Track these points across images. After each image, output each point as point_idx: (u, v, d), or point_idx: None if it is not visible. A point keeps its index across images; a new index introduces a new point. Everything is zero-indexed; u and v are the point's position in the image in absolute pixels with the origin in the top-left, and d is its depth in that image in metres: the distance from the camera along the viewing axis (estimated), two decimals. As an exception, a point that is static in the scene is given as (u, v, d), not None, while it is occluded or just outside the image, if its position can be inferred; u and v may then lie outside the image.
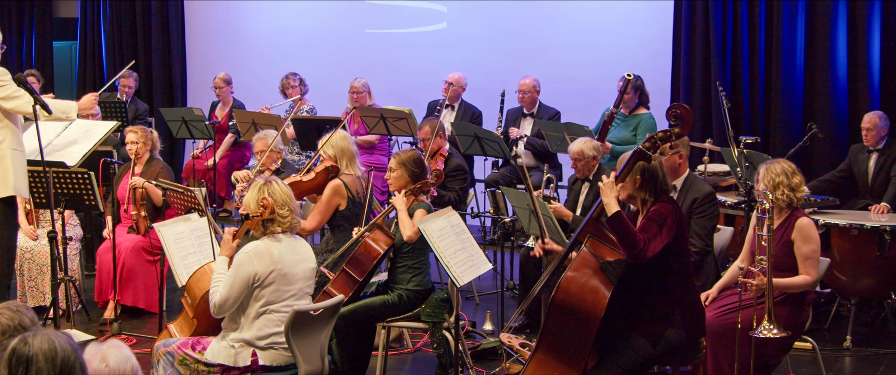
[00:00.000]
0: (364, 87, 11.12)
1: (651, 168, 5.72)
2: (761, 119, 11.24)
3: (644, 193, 5.76)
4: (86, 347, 3.81)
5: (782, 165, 6.30)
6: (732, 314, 6.17)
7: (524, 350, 6.74)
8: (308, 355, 5.60)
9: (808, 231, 6.20)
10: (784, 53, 11.00)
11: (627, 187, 5.78)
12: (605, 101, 10.41)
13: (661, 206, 5.66)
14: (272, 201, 5.64)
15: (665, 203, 5.69)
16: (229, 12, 14.47)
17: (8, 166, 7.23)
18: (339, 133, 7.76)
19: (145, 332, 8.19)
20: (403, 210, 6.81)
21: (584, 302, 5.56)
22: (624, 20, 12.16)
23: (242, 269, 5.52)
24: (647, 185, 5.74)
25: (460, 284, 6.11)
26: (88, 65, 14.99)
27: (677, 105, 5.90)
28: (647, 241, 5.51)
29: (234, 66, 13.37)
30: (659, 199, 5.72)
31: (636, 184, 5.74)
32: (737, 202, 8.74)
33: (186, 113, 11.55)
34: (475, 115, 11.08)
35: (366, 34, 13.52)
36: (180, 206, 7.92)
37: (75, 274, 8.61)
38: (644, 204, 5.78)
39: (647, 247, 5.51)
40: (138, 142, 8.74)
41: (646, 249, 5.50)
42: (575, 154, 8.11)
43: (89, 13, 14.94)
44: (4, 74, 7.24)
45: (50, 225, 7.58)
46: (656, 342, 5.66)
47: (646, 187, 5.74)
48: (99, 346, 3.73)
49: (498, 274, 9.16)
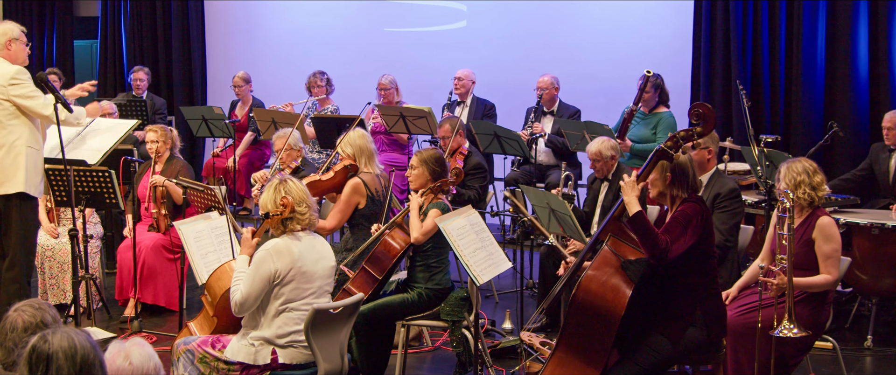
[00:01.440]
0: (391, 84, 11.14)
1: (681, 165, 5.71)
2: (782, 117, 11.21)
3: (675, 190, 5.75)
4: (108, 345, 3.82)
5: (803, 164, 6.27)
6: (753, 313, 6.15)
7: (544, 348, 6.75)
8: (328, 353, 5.60)
9: (829, 230, 6.17)
10: (805, 51, 10.96)
11: (657, 184, 5.77)
12: (625, 100, 10.37)
13: (688, 206, 5.65)
14: (291, 199, 5.65)
15: (693, 203, 5.67)
16: (249, 11, 14.49)
17: (21, 163, 7.29)
18: (357, 131, 7.77)
19: (165, 330, 8.21)
20: (415, 209, 6.81)
21: (605, 300, 5.56)
22: (644, 19, 12.14)
23: (263, 267, 5.53)
24: (678, 183, 5.72)
25: (480, 283, 6.10)
26: (109, 64, 15.02)
27: (699, 104, 5.88)
28: (669, 243, 5.50)
29: (254, 65, 13.39)
30: (688, 198, 5.70)
31: (666, 182, 5.73)
32: (757, 201, 8.70)
33: (206, 111, 11.56)
34: (488, 108, 11.09)
35: (385, 33, 13.53)
36: (200, 205, 7.93)
37: (96, 272, 8.64)
38: (673, 202, 5.77)
39: (670, 248, 5.49)
40: (158, 141, 8.76)
41: (668, 250, 5.49)
42: (593, 154, 8.10)
43: (110, 12, 14.97)
44: (23, 73, 7.30)
45: (71, 223, 7.62)
46: (677, 341, 5.65)
47: (676, 184, 5.73)
48: (122, 344, 3.75)
49: (517, 273, 9.15)
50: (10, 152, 7.28)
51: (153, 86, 13.35)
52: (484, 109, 11.05)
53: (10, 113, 7.27)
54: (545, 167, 10.60)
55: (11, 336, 4.21)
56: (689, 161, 5.76)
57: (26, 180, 7.33)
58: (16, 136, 7.29)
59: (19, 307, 4.29)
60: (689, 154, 5.79)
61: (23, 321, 4.23)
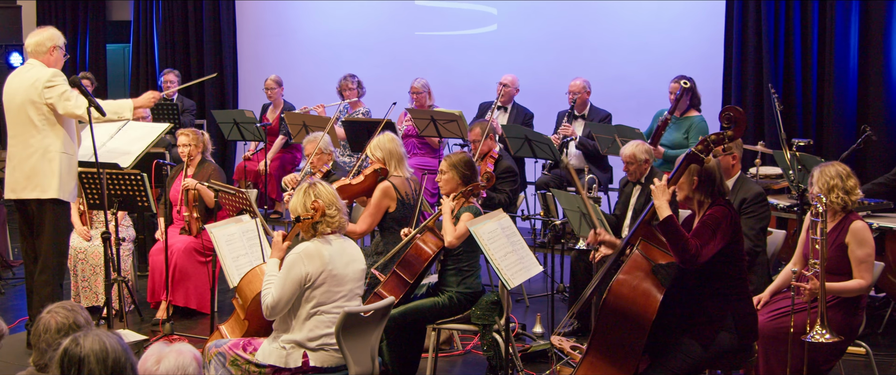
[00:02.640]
0: (424, 88, 11.15)
1: (709, 169, 5.68)
2: (814, 121, 11.14)
3: (701, 195, 5.72)
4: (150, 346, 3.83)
5: (837, 168, 6.24)
6: (785, 318, 6.12)
7: (575, 352, 6.73)
8: (358, 356, 5.61)
9: (863, 234, 6.13)
10: (837, 54, 10.89)
11: (684, 188, 5.75)
12: (657, 103, 10.36)
13: (717, 210, 5.62)
14: (321, 203, 5.66)
15: (721, 207, 5.65)
16: (280, 14, 14.54)
17: (55, 169, 7.36)
18: (387, 135, 7.78)
19: (197, 332, 8.24)
20: (447, 213, 6.81)
21: (636, 305, 5.54)
22: (676, 22, 12.09)
23: (294, 270, 5.54)
24: (705, 187, 5.70)
25: (511, 286, 6.10)
26: (141, 68, 15.13)
27: (730, 107, 5.86)
28: (699, 247, 5.48)
29: (285, 68, 13.43)
30: (715, 203, 5.68)
31: (693, 186, 5.71)
32: (789, 205, 8.66)
33: (238, 115, 11.61)
34: (527, 117, 11.06)
35: (416, 36, 13.54)
36: (232, 208, 7.96)
37: (128, 275, 8.67)
38: (700, 206, 5.74)
39: (700, 253, 5.47)
40: (190, 145, 8.79)
41: (698, 255, 5.47)
42: (627, 157, 8.07)
43: (142, 16, 15.09)
44: (58, 75, 7.36)
45: (103, 226, 7.66)
46: (708, 345, 5.62)
47: (703, 189, 5.70)
48: (163, 347, 3.75)
49: (548, 277, 9.13)
50: (45, 157, 7.34)
51: (186, 90, 13.42)
52: (523, 118, 11.02)
53: (47, 118, 7.33)
54: (576, 171, 10.57)
55: (45, 337, 4.24)
56: (717, 165, 5.74)
57: (60, 186, 7.40)
58: (51, 140, 7.35)
59: (52, 309, 4.33)
60: (717, 161, 5.77)
61: (56, 322, 4.26)
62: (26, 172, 7.35)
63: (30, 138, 7.34)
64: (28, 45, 7.51)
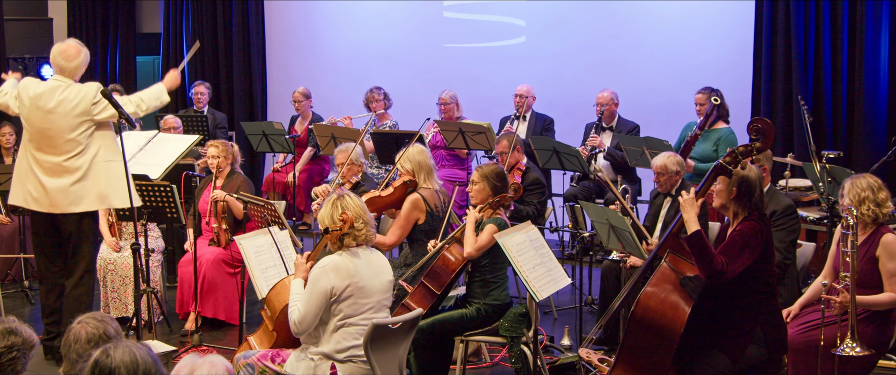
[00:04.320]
0: (452, 100, 11.18)
1: (749, 181, 5.64)
2: (844, 133, 11.08)
3: (737, 206, 5.69)
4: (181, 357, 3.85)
5: (868, 180, 6.20)
6: (815, 331, 6.08)
7: (603, 365, 6.71)
8: (386, 368, 5.61)
9: (894, 247, 6.09)
10: (867, 66, 10.83)
11: (722, 196, 5.72)
12: (685, 115, 10.33)
13: (748, 226, 5.59)
14: (350, 215, 5.66)
15: (753, 222, 5.61)
16: (309, 27, 14.59)
17: (100, 181, 7.32)
18: (416, 147, 7.78)
19: (225, 344, 8.26)
20: (471, 223, 6.80)
21: (664, 317, 5.53)
22: (704, 34, 12.05)
23: (319, 284, 5.54)
24: (743, 199, 5.66)
25: (539, 299, 6.09)
26: (171, 80, 15.20)
27: (759, 119, 5.84)
28: (725, 264, 5.45)
29: (314, 81, 13.47)
30: (749, 216, 5.64)
31: (731, 195, 5.68)
32: (819, 217, 8.61)
33: (266, 126, 11.65)
34: (547, 123, 11.06)
35: (445, 48, 13.55)
36: (261, 219, 7.98)
37: (157, 286, 8.69)
38: (736, 217, 5.71)
39: (726, 270, 5.45)
40: (220, 156, 8.82)
41: (724, 272, 5.44)
42: (658, 168, 8.04)
43: (172, 28, 15.17)
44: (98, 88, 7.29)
45: (133, 237, 7.69)
46: (737, 358, 5.60)
47: (741, 200, 5.67)
48: (194, 358, 3.75)
49: (576, 289, 9.12)
50: (90, 172, 7.31)
51: (214, 102, 13.48)
52: (543, 124, 11.03)
53: (89, 133, 7.31)
54: (604, 182, 10.54)
55: (75, 347, 4.26)
56: (758, 177, 5.70)
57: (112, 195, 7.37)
58: (93, 152, 7.33)
59: (82, 319, 4.35)
60: (758, 173, 5.73)
61: (86, 332, 4.28)
62: (70, 188, 7.31)
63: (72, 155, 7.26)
64: (57, 64, 7.37)
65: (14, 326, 4.25)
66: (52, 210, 7.34)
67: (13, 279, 10.28)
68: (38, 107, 7.28)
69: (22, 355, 4.24)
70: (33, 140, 7.35)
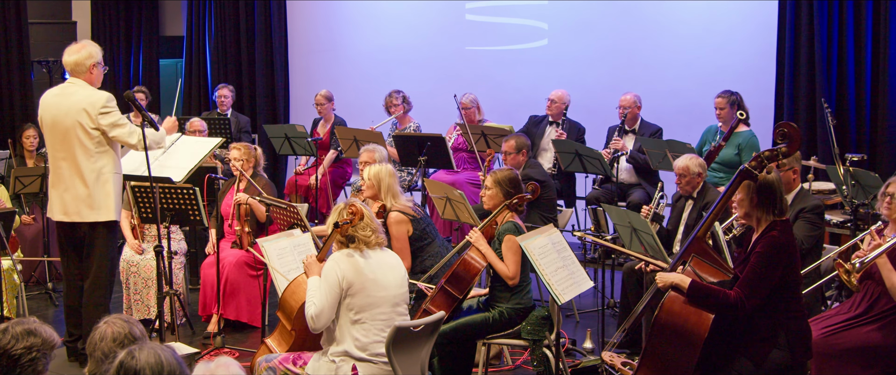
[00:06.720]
0: (472, 103, 11.18)
1: (767, 185, 5.60)
2: (867, 136, 11.02)
3: (760, 212, 5.65)
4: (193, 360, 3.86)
5: None
6: (839, 334, 6.06)
7: (626, 369, 6.70)
8: (408, 370, 5.62)
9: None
10: (891, 68, 10.78)
11: (743, 205, 5.69)
12: (708, 118, 10.30)
13: (769, 241, 5.53)
14: (360, 208, 5.70)
15: (775, 233, 5.56)
16: (331, 30, 14.61)
17: (110, 191, 7.41)
18: (386, 167, 7.76)
19: (247, 346, 8.27)
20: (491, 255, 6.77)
21: (688, 322, 5.51)
22: (727, 37, 12.02)
23: (330, 274, 5.61)
24: (765, 205, 5.62)
25: (562, 302, 6.08)
26: (193, 83, 15.25)
27: (784, 123, 5.82)
28: (744, 298, 5.43)
29: (336, 83, 13.49)
30: (772, 227, 5.59)
31: (753, 203, 5.64)
32: (842, 221, 8.57)
33: (289, 129, 11.67)
34: (580, 132, 11.03)
35: (467, 51, 13.55)
36: (283, 222, 7.99)
37: (180, 288, 8.72)
38: (759, 224, 5.67)
39: (746, 304, 5.44)
40: (242, 159, 8.84)
41: (743, 306, 5.44)
42: (680, 169, 8.02)
43: (195, 32, 15.21)
44: (112, 101, 7.38)
45: (155, 239, 7.72)
46: (760, 363, 5.57)
47: (762, 206, 5.63)
48: (209, 365, 3.77)
49: (598, 292, 9.10)
50: (99, 180, 7.38)
51: (237, 104, 13.51)
52: (576, 133, 10.98)
53: (99, 142, 7.36)
54: (626, 186, 10.52)
55: (100, 346, 4.28)
56: (777, 181, 5.66)
57: (116, 208, 7.46)
58: (104, 163, 7.39)
59: (109, 319, 4.38)
60: (777, 175, 5.70)
61: (112, 332, 4.31)
62: (81, 196, 7.38)
63: (82, 161, 7.35)
64: (67, 63, 7.46)
65: (34, 327, 4.26)
66: (63, 218, 7.51)
67: (37, 281, 10.33)
68: (50, 110, 7.46)
69: (43, 356, 4.24)
70: (50, 144, 7.51)
